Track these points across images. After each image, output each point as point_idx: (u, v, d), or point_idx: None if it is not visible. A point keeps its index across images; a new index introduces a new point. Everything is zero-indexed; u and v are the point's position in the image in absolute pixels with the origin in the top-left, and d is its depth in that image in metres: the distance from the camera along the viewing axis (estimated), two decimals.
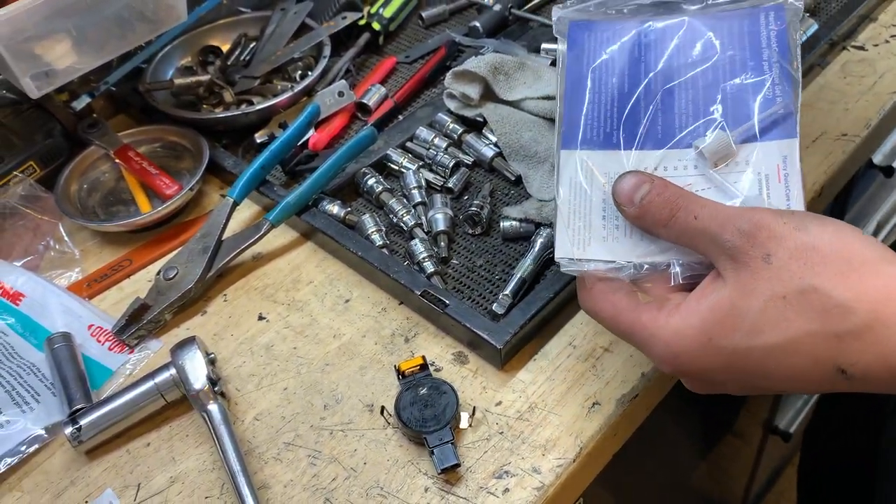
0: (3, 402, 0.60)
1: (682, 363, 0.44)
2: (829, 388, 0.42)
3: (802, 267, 0.40)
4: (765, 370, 0.42)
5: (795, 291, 0.40)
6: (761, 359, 0.41)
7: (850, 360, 0.40)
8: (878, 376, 0.40)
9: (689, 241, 0.44)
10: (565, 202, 0.51)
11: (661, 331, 0.44)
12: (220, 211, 0.70)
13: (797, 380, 0.42)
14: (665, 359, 0.45)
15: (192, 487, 0.56)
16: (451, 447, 0.54)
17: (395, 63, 0.89)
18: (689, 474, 1.17)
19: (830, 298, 0.39)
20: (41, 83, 0.68)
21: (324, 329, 0.65)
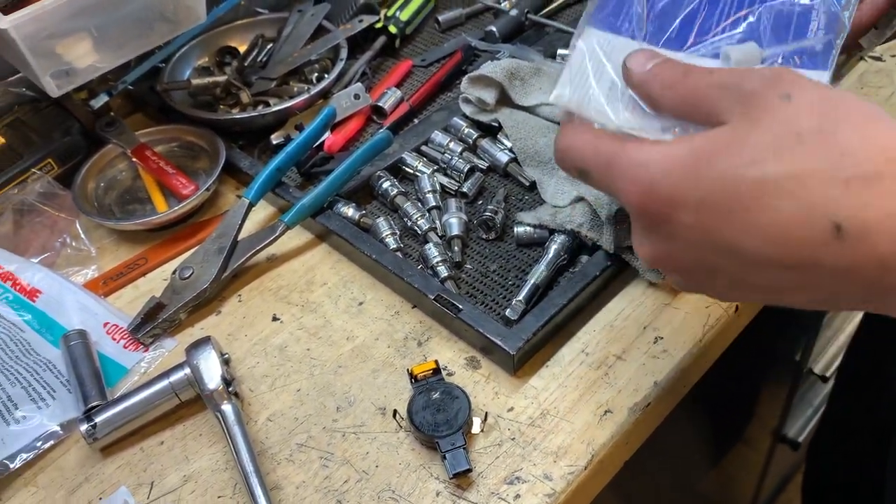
0: (19, 398, 0.60)
1: (657, 188, 0.38)
2: (809, 253, 0.35)
3: (823, 111, 0.36)
4: (746, 211, 0.36)
5: (813, 131, 0.35)
6: (749, 193, 0.35)
7: (850, 211, 0.34)
8: (876, 239, 0.34)
9: (700, 99, 0.39)
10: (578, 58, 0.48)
11: (643, 154, 0.39)
12: (236, 212, 0.71)
13: (781, 236, 0.35)
14: (640, 184, 0.38)
15: (205, 486, 0.56)
16: (462, 452, 0.54)
17: (410, 66, 0.89)
18: (697, 482, 1.17)
19: (849, 144, 0.35)
20: (61, 82, 0.68)
21: (337, 331, 0.65)
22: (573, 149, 0.42)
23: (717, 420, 1.07)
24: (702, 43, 0.48)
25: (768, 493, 1.53)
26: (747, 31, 0.48)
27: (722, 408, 1.06)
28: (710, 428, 1.08)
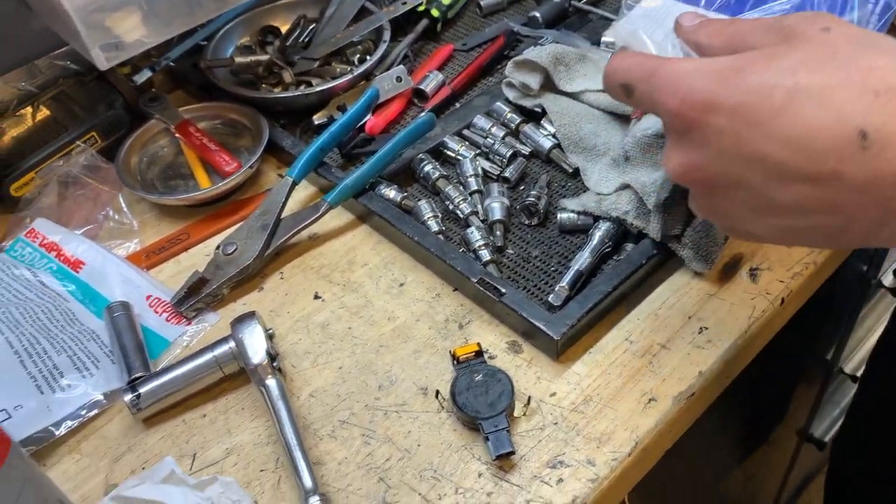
0: (65, 367, 0.61)
1: (694, 91, 0.39)
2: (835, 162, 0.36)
3: (860, 40, 0.38)
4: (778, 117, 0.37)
5: (847, 51, 0.37)
6: (782, 100, 0.37)
7: (878, 119, 0.35)
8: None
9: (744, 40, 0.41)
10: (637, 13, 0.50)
11: (685, 65, 0.41)
12: (280, 189, 0.71)
13: (808, 144, 0.36)
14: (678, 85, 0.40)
15: (247, 460, 0.57)
16: (506, 434, 0.54)
17: (452, 50, 0.89)
18: (722, 481, 1.16)
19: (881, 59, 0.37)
20: (110, 55, 0.69)
21: (378, 311, 0.65)
22: (620, 68, 0.44)
23: (745, 419, 1.07)
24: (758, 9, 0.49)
25: (790, 493, 1.52)
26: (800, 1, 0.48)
27: (751, 406, 1.05)
28: (738, 426, 1.07)
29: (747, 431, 1.13)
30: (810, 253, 0.65)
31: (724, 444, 1.07)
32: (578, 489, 0.52)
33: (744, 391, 0.96)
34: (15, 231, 0.72)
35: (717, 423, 0.97)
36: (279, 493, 0.54)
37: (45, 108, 0.80)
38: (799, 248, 0.65)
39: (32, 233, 0.71)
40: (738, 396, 0.96)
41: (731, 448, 1.12)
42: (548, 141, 0.74)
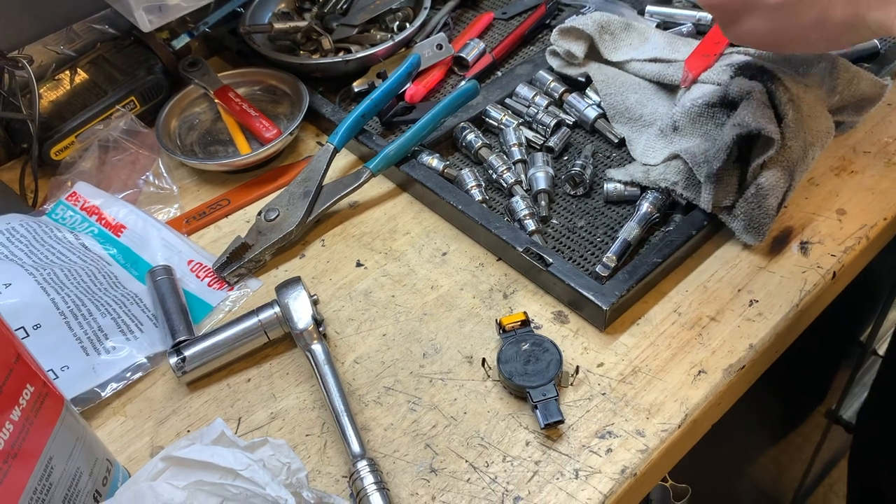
0: (109, 329, 0.61)
1: None
2: None
3: None
4: None
5: None
6: None
7: None
8: None
9: None
10: None
11: None
12: (321, 157, 0.70)
13: None
14: None
15: (292, 424, 0.56)
16: (555, 403, 0.53)
17: (492, 19, 0.87)
18: (750, 465, 1.16)
19: None
20: (153, 17, 0.68)
21: (421, 279, 0.64)
22: None
23: (777, 404, 1.06)
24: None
25: (815, 475, 1.51)
26: None
27: (784, 390, 1.04)
28: (770, 412, 1.06)
29: (780, 416, 1.12)
30: (862, 227, 0.64)
31: (756, 428, 1.06)
32: (628, 459, 0.52)
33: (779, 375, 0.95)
34: (56, 194, 0.72)
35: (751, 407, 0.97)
36: (325, 458, 0.54)
37: (84, 71, 0.79)
38: (850, 223, 0.64)
39: (74, 196, 0.71)
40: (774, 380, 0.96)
41: (764, 431, 1.11)
42: (592, 110, 0.73)
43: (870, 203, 0.66)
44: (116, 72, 0.79)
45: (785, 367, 0.94)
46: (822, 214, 0.65)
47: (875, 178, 0.68)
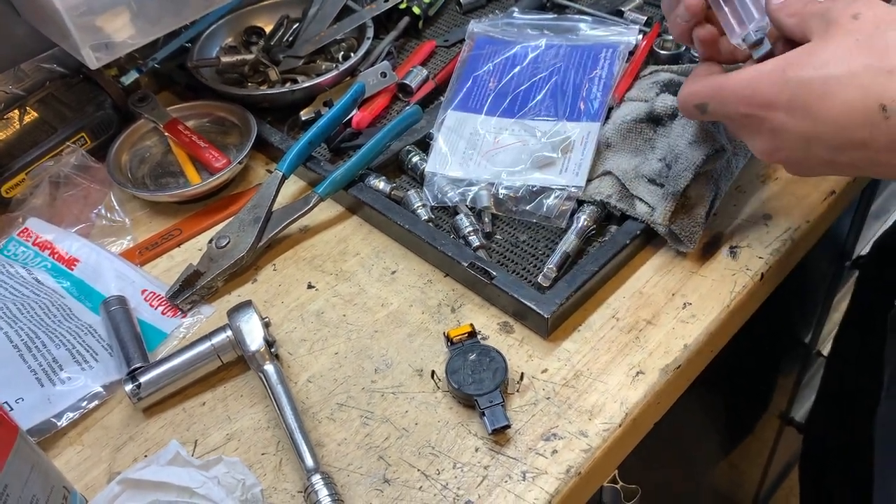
0: (64, 360, 0.61)
1: (757, 93, 0.50)
2: (867, 132, 0.46)
3: (880, 21, 0.46)
4: (821, 101, 0.47)
5: (866, 37, 0.46)
6: (821, 88, 0.47)
7: (893, 95, 0.44)
8: None
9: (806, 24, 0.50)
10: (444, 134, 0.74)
11: (746, 72, 0.51)
12: (270, 183, 0.72)
13: (843, 118, 0.46)
14: (743, 93, 0.51)
15: (248, 444, 0.58)
16: (501, 409, 0.55)
17: (434, 46, 0.91)
18: (710, 469, 1.19)
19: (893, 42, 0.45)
20: (101, 54, 0.70)
21: (372, 298, 0.67)
22: (693, 93, 0.55)
23: (730, 408, 1.09)
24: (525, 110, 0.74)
25: (773, 478, 1.55)
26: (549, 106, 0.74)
27: (736, 395, 1.08)
28: (724, 415, 1.10)
29: (733, 420, 1.15)
30: (786, 230, 0.67)
31: (710, 434, 1.09)
32: (572, 459, 0.54)
33: (728, 380, 0.99)
34: (7, 231, 0.73)
35: (704, 413, 1.00)
36: (281, 475, 0.56)
37: (33, 110, 0.81)
38: (775, 226, 0.68)
39: (25, 232, 0.72)
40: (723, 386, 0.99)
41: (718, 437, 1.14)
42: None
43: (793, 208, 0.70)
44: (66, 109, 0.80)
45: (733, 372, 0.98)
46: (750, 220, 0.69)
47: (797, 183, 0.72)
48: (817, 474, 1.18)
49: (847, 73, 0.46)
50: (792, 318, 1.10)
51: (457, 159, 0.72)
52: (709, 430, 1.07)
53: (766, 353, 1.10)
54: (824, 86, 0.46)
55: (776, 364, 1.18)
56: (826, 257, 1.05)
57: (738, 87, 0.51)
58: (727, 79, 0.52)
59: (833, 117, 0.47)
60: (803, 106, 0.48)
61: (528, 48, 0.79)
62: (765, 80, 0.49)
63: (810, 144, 0.49)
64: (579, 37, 0.80)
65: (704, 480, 1.20)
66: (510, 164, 0.71)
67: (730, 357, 0.71)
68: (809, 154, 0.50)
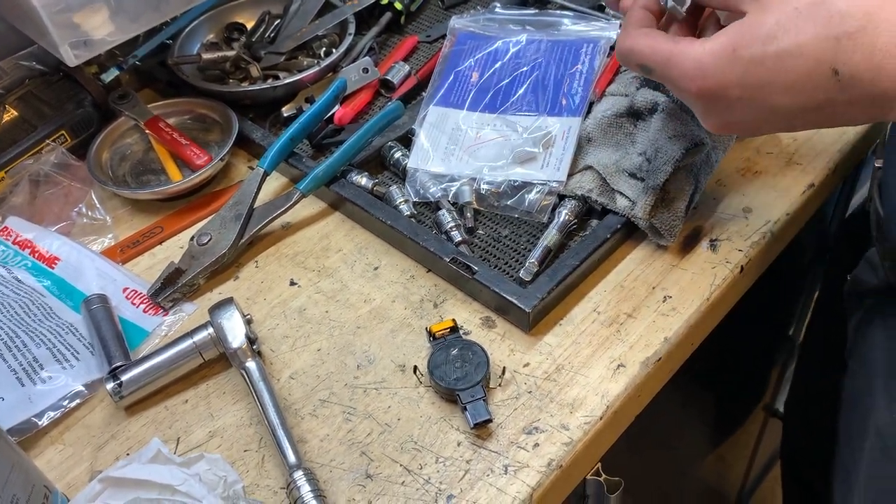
0: (44, 359, 0.61)
1: (708, 76, 0.50)
2: (824, 98, 0.47)
3: None
4: (774, 76, 0.48)
5: (807, 4, 0.46)
6: (773, 64, 0.47)
7: (842, 58, 0.46)
8: (862, 76, 0.45)
9: None
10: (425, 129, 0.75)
11: (693, 50, 0.50)
12: (252, 180, 0.72)
13: (799, 87, 0.47)
14: (694, 74, 0.50)
15: (230, 441, 0.58)
16: (483, 403, 0.56)
17: (416, 42, 0.91)
18: (697, 463, 1.19)
19: (835, 6, 0.46)
20: (79, 52, 0.69)
21: (354, 294, 0.67)
22: (635, 51, 0.54)
23: (715, 401, 1.10)
24: (503, 108, 0.74)
25: (759, 470, 1.56)
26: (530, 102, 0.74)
27: (720, 387, 1.09)
28: (709, 409, 1.10)
29: (720, 413, 1.16)
30: (766, 223, 0.68)
31: (697, 426, 1.10)
32: (554, 452, 0.54)
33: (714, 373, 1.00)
34: None
35: (690, 406, 1.01)
36: (264, 472, 0.56)
37: (12, 108, 0.80)
38: (755, 219, 0.68)
39: (5, 231, 0.72)
40: (709, 378, 1.00)
41: (705, 430, 1.15)
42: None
43: (773, 200, 0.70)
44: (45, 107, 0.80)
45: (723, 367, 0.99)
46: (730, 213, 0.69)
47: (777, 177, 0.72)
48: (796, 464, 1.19)
49: (796, 44, 0.46)
50: (776, 311, 1.11)
51: (439, 155, 0.73)
52: (695, 422, 1.07)
53: (751, 346, 1.11)
54: (777, 60, 0.47)
55: (762, 356, 1.19)
56: (808, 249, 1.05)
57: (687, 67, 0.51)
58: (675, 55, 0.51)
59: (788, 87, 0.48)
60: (757, 83, 0.48)
61: (510, 43, 0.79)
62: (714, 62, 0.49)
63: (766, 115, 0.50)
64: (560, 32, 0.80)
65: (691, 472, 1.21)
66: (492, 160, 0.71)
67: (715, 349, 0.72)
68: (765, 122, 0.51)
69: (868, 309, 0.74)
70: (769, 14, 0.47)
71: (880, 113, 0.48)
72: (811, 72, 0.47)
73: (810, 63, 0.46)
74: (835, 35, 0.46)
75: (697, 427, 1.09)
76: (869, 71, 0.45)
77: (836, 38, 0.46)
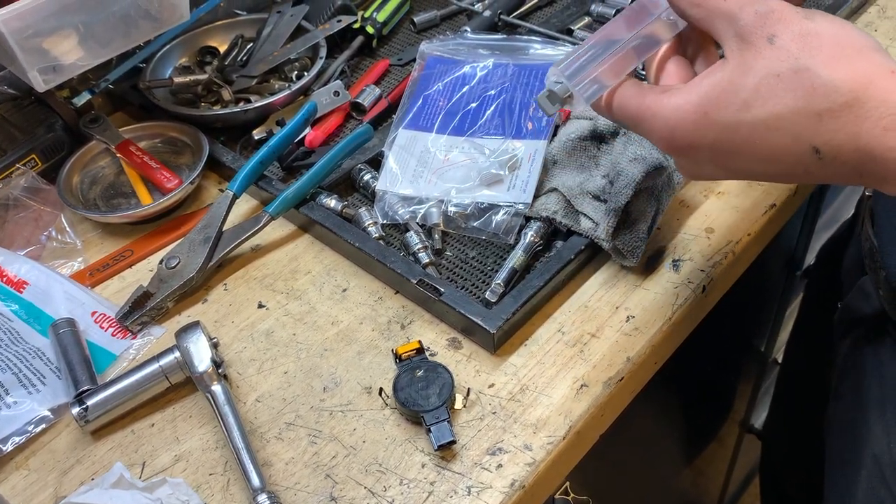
0: (10, 384, 0.61)
1: (677, 138, 0.47)
2: (802, 171, 0.45)
3: (800, 49, 0.43)
4: (748, 146, 0.45)
5: (789, 70, 0.43)
6: (747, 134, 0.44)
7: (824, 138, 0.42)
8: (847, 157, 0.42)
9: (713, 21, 0.46)
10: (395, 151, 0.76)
11: (663, 109, 0.47)
12: (221, 203, 0.73)
13: (775, 159, 0.45)
14: (663, 135, 0.48)
15: (196, 465, 0.58)
16: (447, 425, 0.56)
17: (388, 65, 0.92)
18: (670, 478, 1.20)
19: (819, 78, 0.42)
20: (48, 77, 0.70)
21: (322, 316, 0.67)
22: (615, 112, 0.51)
23: (690, 417, 1.11)
24: (471, 131, 0.76)
25: (737, 486, 1.57)
26: (497, 125, 0.76)
27: (694, 403, 1.10)
28: (686, 425, 1.11)
29: (694, 428, 1.17)
30: (728, 243, 0.69)
31: (673, 441, 1.11)
32: (517, 473, 0.55)
33: (687, 389, 1.01)
34: None
35: (665, 422, 1.02)
36: (228, 495, 0.56)
37: None
38: (717, 240, 0.69)
39: None
40: (683, 394, 1.01)
41: (680, 445, 1.16)
42: None
43: (735, 221, 0.71)
44: (16, 131, 0.80)
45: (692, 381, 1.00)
46: (692, 234, 0.70)
47: (739, 197, 0.74)
48: (776, 481, 1.20)
49: (773, 116, 0.43)
50: (747, 328, 1.13)
51: (407, 177, 0.73)
52: (667, 437, 1.08)
53: (723, 362, 1.12)
54: (752, 130, 0.44)
55: (734, 372, 1.21)
56: (777, 267, 1.07)
57: (656, 127, 0.48)
58: (643, 113, 0.49)
59: (763, 158, 0.45)
60: (729, 149, 0.46)
61: (477, 67, 0.80)
62: (684, 125, 0.46)
63: (740, 175, 0.49)
64: (528, 56, 0.81)
65: (665, 488, 1.21)
66: (459, 182, 0.72)
67: (684, 364, 0.72)
68: (738, 177, 0.50)
69: (860, 336, 0.75)
70: (748, 76, 0.44)
71: (869, 183, 0.44)
72: (789, 147, 0.44)
73: (788, 138, 0.43)
74: (816, 111, 0.42)
75: (669, 442, 1.10)
76: (854, 153, 0.42)
77: (818, 115, 0.42)
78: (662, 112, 0.47)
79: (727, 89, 0.44)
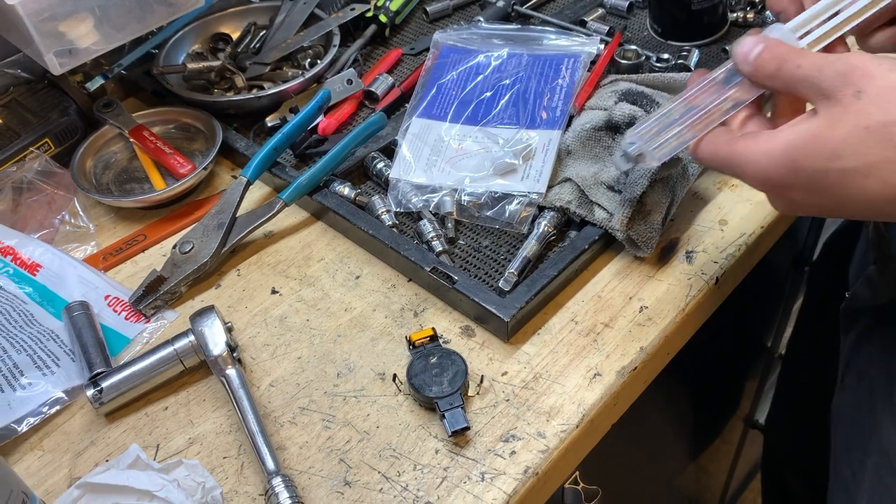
0: (24, 366, 0.61)
1: (771, 183, 0.49)
2: (893, 206, 0.46)
3: (888, 103, 0.44)
4: (840, 191, 0.47)
5: (878, 124, 0.44)
6: (838, 180, 0.46)
7: None
8: None
9: (794, 87, 0.48)
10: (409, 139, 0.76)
11: (753, 155, 0.49)
12: (235, 189, 0.73)
13: (865, 203, 0.47)
14: (756, 179, 0.50)
15: (210, 448, 0.58)
16: (461, 411, 0.56)
17: (400, 54, 0.92)
18: (674, 474, 1.20)
19: None
20: (64, 60, 0.70)
21: (335, 303, 0.67)
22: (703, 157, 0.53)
23: (695, 411, 1.11)
24: (485, 120, 0.76)
25: (739, 481, 1.57)
26: (511, 115, 0.76)
27: (700, 398, 1.10)
28: (688, 420, 1.12)
29: (699, 423, 1.17)
30: (741, 236, 0.69)
31: (677, 436, 1.11)
32: (530, 460, 0.55)
33: (693, 383, 1.01)
34: None
35: (670, 416, 1.02)
36: (242, 478, 0.56)
37: None
38: (731, 232, 0.70)
39: None
40: (688, 388, 1.01)
41: (685, 440, 1.16)
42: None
43: (748, 214, 0.71)
44: (30, 115, 0.80)
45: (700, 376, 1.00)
46: (706, 226, 0.71)
47: (753, 190, 0.73)
48: (778, 476, 1.20)
49: (864, 165, 0.45)
50: (753, 322, 1.13)
51: (421, 166, 0.73)
52: (673, 431, 1.08)
53: (729, 357, 1.12)
54: (841, 177, 0.46)
55: (740, 367, 1.21)
56: (785, 261, 1.07)
57: (748, 171, 0.50)
58: (734, 158, 0.51)
59: (854, 201, 0.47)
60: (820, 190, 0.47)
61: (491, 57, 0.80)
62: (774, 170, 0.48)
63: (832, 212, 0.50)
64: (542, 46, 0.81)
65: (670, 482, 1.22)
66: (473, 171, 0.72)
67: (692, 359, 0.73)
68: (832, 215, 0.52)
69: (866, 327, 0.75)
70: (837, 129, 0.45)
71: None
72: (877, 193, 0.45)
73: (876, 185, 0.45)
74: None
75: (675, 436, 1.10)
76: None
77: None
78: (755, 157, 0.49)
79: (814, 140, 0.46)
